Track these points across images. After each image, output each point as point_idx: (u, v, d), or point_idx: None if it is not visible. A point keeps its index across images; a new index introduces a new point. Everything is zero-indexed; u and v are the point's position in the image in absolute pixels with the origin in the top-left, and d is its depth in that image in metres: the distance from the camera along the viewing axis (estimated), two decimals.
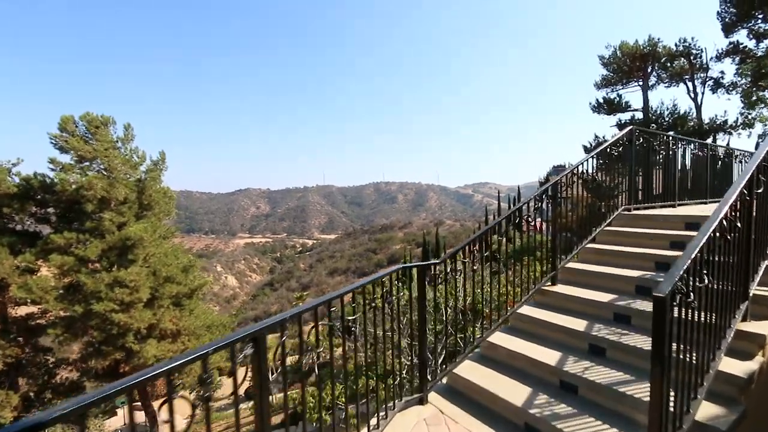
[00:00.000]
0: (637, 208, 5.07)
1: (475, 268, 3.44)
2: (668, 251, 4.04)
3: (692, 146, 5.66)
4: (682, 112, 23.24)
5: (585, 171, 4.28)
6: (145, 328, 14.91)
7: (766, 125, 24.74)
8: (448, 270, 3.35)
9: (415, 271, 3.22)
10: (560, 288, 4.14)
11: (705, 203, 5.75)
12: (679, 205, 5.46)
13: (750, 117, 24.69)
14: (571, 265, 4.41)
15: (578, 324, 3.50)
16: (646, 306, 3.36)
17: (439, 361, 4.34)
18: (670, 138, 5.39)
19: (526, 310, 3.97)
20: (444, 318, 3.50)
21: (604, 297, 3.71)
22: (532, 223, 3.91)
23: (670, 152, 5.24)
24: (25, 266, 14.10)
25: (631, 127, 4.77)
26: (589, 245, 4.59)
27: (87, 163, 15.48)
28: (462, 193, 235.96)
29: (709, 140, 21.58)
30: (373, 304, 2.62)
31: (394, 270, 2.98)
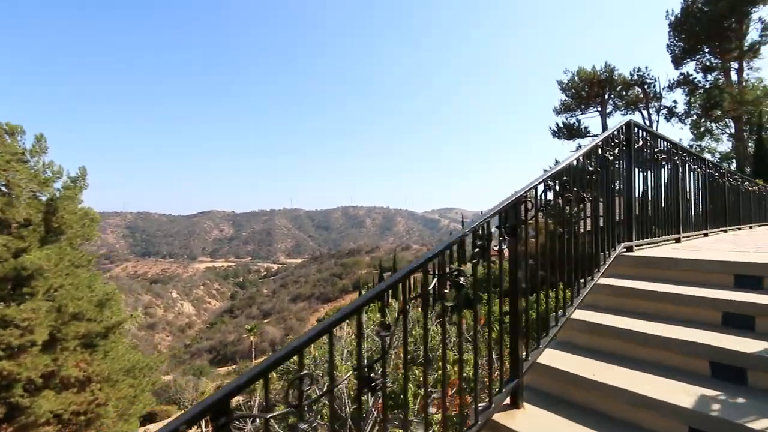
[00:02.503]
0: (639, 246, 3.42)
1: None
2: (725, 335, 2.19)
3: (691, 160, 4.38)
4: None
5: (565, 184, 2.41)
6: (39, 377, 12.27)
7: (714, 156, 25.67)
8: None
9: None
10: (528, 419, 2.00)
11: (707, 235, 4.58)
12: (684, 238, 4.07)
13: (700, 148, 25.57)
14: (544, 358, 2.35)
15: None
16: None
17: None
18: (677, 146, 3.97)
19: None
20: None
21: None
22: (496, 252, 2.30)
23: (672, 165, 3.86)
24: None
25: (629, 118, 3.21)
26: (576, 314, 2.62)
27: None
28: (429, 218, 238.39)
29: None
30: None
31: None
